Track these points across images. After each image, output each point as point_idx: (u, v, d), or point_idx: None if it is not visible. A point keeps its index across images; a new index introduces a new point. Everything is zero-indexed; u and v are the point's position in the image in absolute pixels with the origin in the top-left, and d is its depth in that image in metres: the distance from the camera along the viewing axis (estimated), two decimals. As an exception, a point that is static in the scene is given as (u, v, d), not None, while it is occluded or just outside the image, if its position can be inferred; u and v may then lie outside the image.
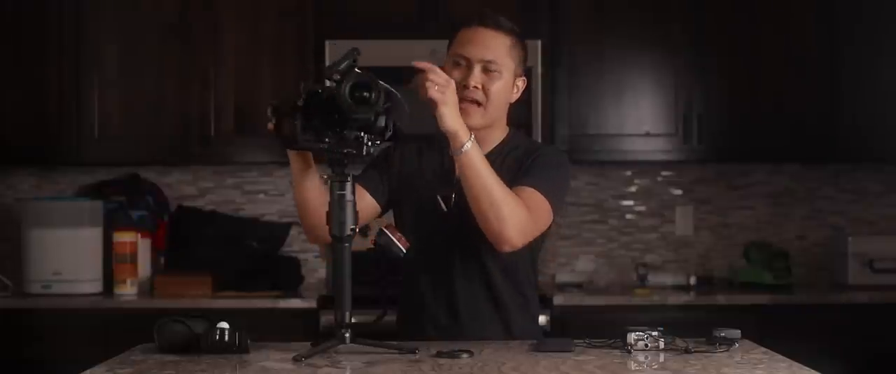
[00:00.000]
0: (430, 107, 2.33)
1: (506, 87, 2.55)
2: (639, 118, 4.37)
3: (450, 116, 2.34)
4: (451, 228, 2.54)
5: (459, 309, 2.57)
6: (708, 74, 4.37)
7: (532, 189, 2.46)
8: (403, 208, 2.62)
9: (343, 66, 2.19)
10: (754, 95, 4.37)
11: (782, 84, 4.37)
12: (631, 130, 4.36)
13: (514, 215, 2.39)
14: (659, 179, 4.73)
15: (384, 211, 2.64)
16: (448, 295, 2.58)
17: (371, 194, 2.59)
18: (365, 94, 2.17)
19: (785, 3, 4.39)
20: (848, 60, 4.36)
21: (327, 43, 4.19)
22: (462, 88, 2.50)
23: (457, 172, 2.42)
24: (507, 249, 2.43)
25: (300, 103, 2.19)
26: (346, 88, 2.15)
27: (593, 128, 4.36)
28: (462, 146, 2.35)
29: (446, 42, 2.61)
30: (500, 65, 2.52)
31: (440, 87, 2.32)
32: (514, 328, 2.59)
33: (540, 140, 4.02)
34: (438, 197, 2.55)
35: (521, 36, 2.58)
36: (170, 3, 4.33)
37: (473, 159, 2.37)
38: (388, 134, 2.27)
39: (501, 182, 2.41)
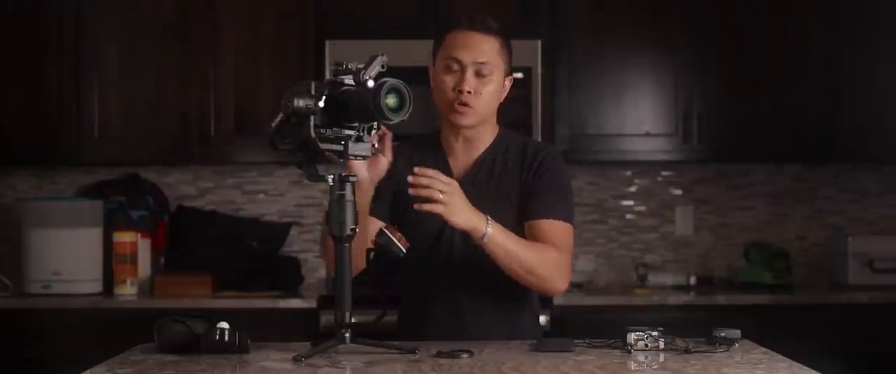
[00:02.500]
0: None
1: (497, 87, 2.58)
2: (639, 118, 4.37)
3: (462, 219, 2.37)
4: (448, 230, 2.54)
5: (462, 307, 2.58)
6: (708, 74, 4.37)
7: (551, 221, 2.53)
8: (405, 210, 2.62)
9: (375, 71, 2.21)
10: (754, 95, 4.37)
11: (782, 84, 4.37)
12: (631, 130, 4.36)
13: (550, 269, 2.49)
14: (659, 179, 4.73)
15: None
16: (450, 294, 2.58)
17: (384, 222, 2.58)
18: (400, 100, 2.20)
19: (785, 3, 4.39)
20: (848, 61, 4.36)
21: (327, 43, 4.19)
22: (457, 92, 2.52)
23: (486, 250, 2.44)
24: (557, 295, 2.58)
25: (321, 105, 2.21)
26: (385, 94, 2.17)
27: (593, 128, 4.36)
28: (483, 236, 2.40)
29: (434, 38, 2.63)
30: (492, 67, 2.55)
31: (445, 195, 2.34)
32: (516, 326, 2.60)
33: (540, 140, 4.02)
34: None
35: (507, 36, 2.61)
36: (169, 3, 4.32)
37: (498, 240, 2.42)
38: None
39: (528, 245, 2.48)
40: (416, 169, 2.35)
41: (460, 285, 2.58)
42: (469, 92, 2.53)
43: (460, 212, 2.37)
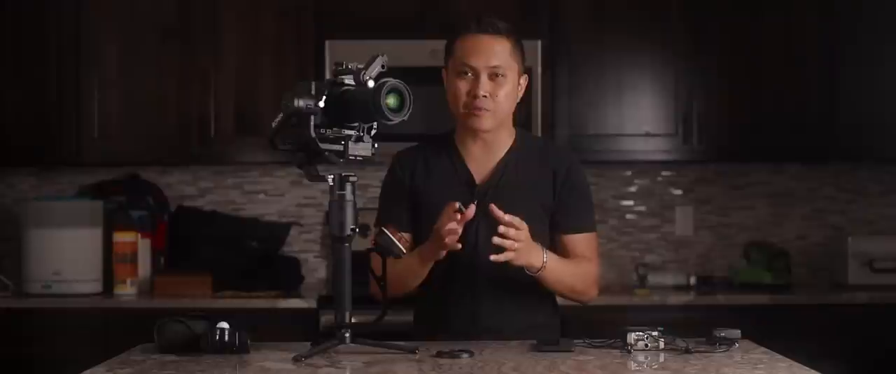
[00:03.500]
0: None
1: (512, 89, 2.59)
2: (639, 118, 4.37)
3: (525, 259, 2.45)
4: (473, 227, 2.52)
5: (482, 306, 2.59)
6: (708, 74, 4.37)
7: (586, 235, 2.65)
8: (423, 218, 2.60)
9: (375, 71, 2.21)
10: (754, 95, 4.36)
11: (782, 84, 4.36)
12: (631, 130, 4.36)
13: (587, 282, 2.62)
14: (659, 179, 4.73)
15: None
16: (472, 293, 2.59)
17: (403, 231, 2.58)
18: (401, 100, 2.21)
19: (785, 2, 4.39)
20: (848, 60, 4.35)
21: (327, 43, 4.19)
22: (472, 97, 2.53)
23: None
24: (589, 302, 2.69)
25: (321, 105, 2.21)
26: (385, 94, 2.18)
27: (593, 128, 4.36)
28: (540, 269, 2.48)
29: (445, 42, 2.64)
30: (505, 69, 2.56)
31: (519, 243, 2.40)
32: (536, 314, 2.63)
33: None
34: (460, 205, 2.54)
35: (518, 35, 2.61)
36: (169, 3, 4.32)
37: (553, 270, 2.51)
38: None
39: (572, 266, 2.57)
40: (508, 218, 2.39)
41: (482, 284, 2.58)
42: (485, 96, 2.53)
43: (525, 255, 2.44)
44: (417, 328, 2.68)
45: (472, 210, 2.38)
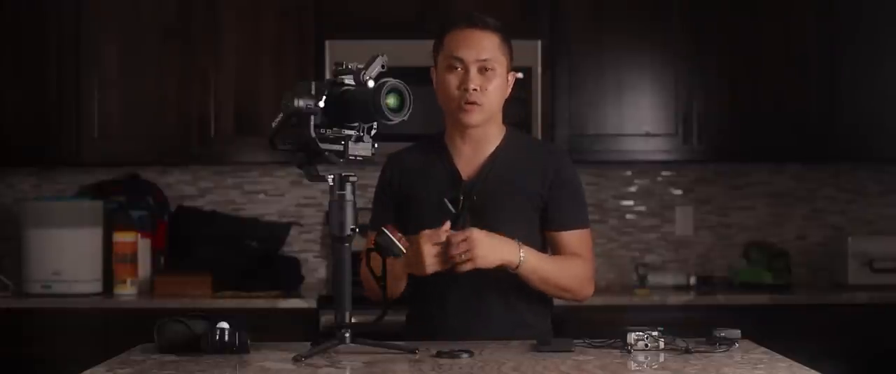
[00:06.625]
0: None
1: (502, 83, 2.60)
2: (639, 118, 4.37)
3: (493, 259, 2.43)
4: (459, 226, 2.53)
5: (471, 307, 2.58)
6: (708, 74, 4.37)
7: (578, 231, 2.63)
8: (411, 217, 2.61)
9: (375, 71, 2.21)
10: (754, 95, 4.37)
11: (782, 83, 4.37)
12: (631, 130, 4.36)
13: (580, 281, 2.60)
14: (659, 179, 4.73)
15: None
16: (461, 290, 2.58)
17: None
18: (401, 100, 2.21)
19: (785, 2, 4.39)
20: (848, 60, 4.36)
21: (327, 43, 4.20)
22: (462, 91, 2.53)
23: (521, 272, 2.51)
24: (585, 300, 2.66)
25: (321, 105, 2.22)
26: (385, 94, 2.18)
27: (593, 128, 4.36)
28: (517, 266, 2.46)
29: (433, 41, 2.65)
30: (494, 62, 2.57)
31: (469, 251, 2.39)
32: (525, 314, 2.62)
33: (540, 140, 4.02)
34: (446, 201, 2.55)
35: (506, 32, 2.62)
36: (170, 3, 4.32)
37: (532, 266, 2.49)
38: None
39: (559, 263, 2.57)
40: (447, 236, 2.39)
41: (469, 284, 2.57)
42: (475, 89, 2.53)
43: (490, 255, 2.42)
44: (408, 329, 2.67)
45: (447, 227, 2.39)
